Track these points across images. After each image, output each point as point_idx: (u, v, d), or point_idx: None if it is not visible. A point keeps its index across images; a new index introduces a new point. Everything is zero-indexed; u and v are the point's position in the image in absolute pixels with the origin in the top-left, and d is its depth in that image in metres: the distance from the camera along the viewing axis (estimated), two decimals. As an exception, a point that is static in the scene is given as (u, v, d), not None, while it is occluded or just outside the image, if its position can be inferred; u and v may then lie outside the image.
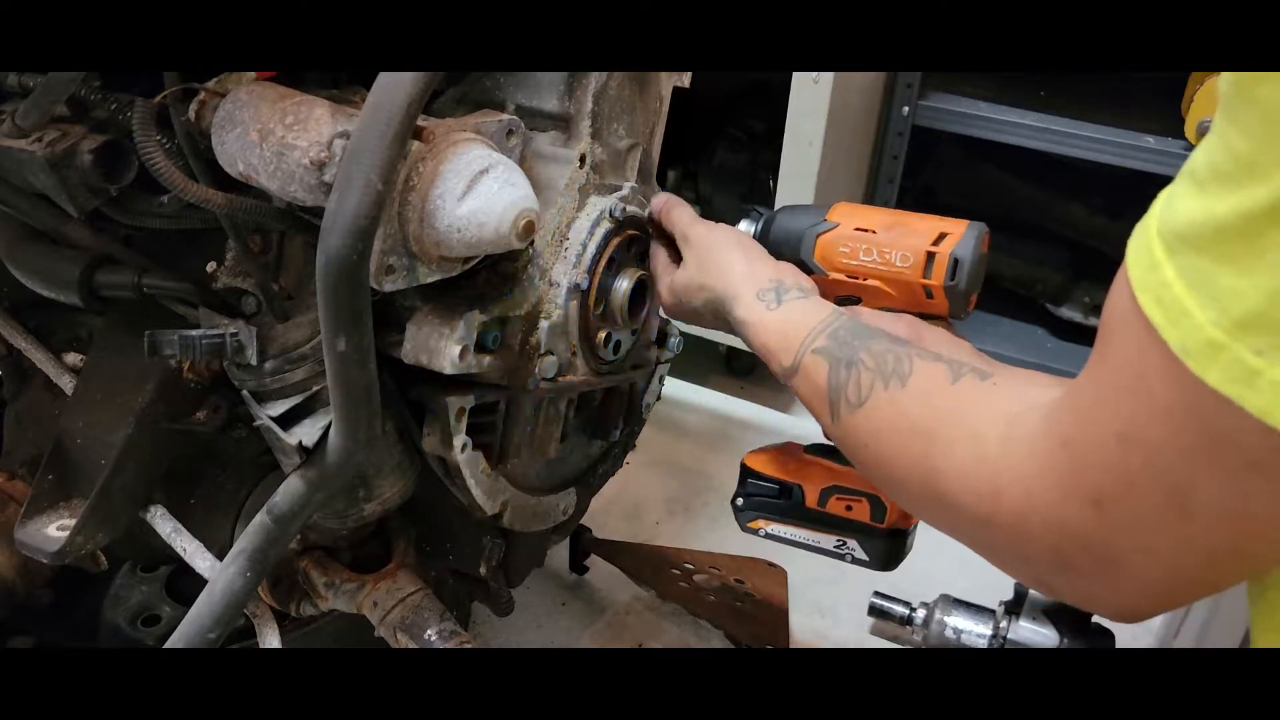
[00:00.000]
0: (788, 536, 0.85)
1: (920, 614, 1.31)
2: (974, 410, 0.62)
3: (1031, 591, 0.99)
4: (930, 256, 0.80)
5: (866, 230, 0.83)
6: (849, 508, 0.82)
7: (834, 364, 0.72)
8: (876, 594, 1.36)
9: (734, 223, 0.93)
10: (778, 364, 0.77)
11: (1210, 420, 0.44)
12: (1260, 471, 0.44)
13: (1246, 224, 0.40)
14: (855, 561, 0.83)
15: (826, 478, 0.84)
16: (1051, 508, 0.53)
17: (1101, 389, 0.50)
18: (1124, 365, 0.48)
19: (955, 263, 0.79)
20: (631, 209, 0.94)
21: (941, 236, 0.80)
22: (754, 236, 0.89)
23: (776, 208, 0.91)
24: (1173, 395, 0.45)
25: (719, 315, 0.85)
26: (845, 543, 0.82)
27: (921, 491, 0.63)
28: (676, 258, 0.91)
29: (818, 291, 0.81)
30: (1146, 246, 0.45)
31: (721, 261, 0.85)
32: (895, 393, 0.68)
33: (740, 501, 0.87)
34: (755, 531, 0.87)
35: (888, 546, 0.81)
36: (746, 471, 0.87)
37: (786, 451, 0.88)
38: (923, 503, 0.64)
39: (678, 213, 0.93)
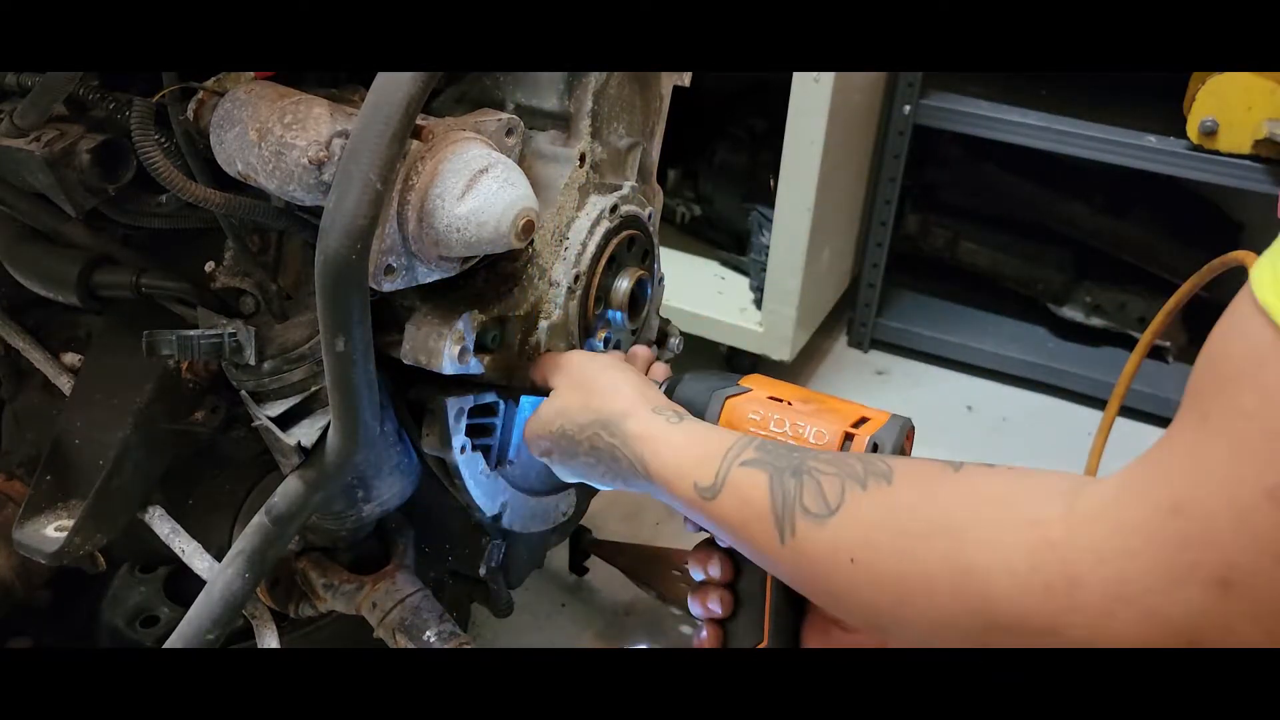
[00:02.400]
0: None
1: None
2: (1013, 491, 0.50)
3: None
4: (848, 437, 0.70)
5: (781, 400, 0.76)
6: None
7: (775, 473, 0.60)
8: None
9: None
10: (689, 485, 0.64)
11: None
12: None
13: None
14: None
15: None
16: (1154, 594, 0.42)
17: (1238, 440, 0.41)
18: (1268, 409, 0.39)
19: (874, 447, 0.69)
20: (631, 208, 0.94)
21: (862, 420, 0.72)
22: None
23: (683, 374, 0.81)
24: None
25: (596, 446, 0.73)
26: None
27: (953, 604, 0.50)
28: None
29: None
30: None
31: (610, 382, 0.76)
32: (881, 491, 0.55)
33: None
34: None
35: None
36: None
37: None
38: (951, 620, 0.50)
39: (549, 355, 0.84)
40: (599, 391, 0.75)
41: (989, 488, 0.52)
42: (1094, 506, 0.46)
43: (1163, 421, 1.89)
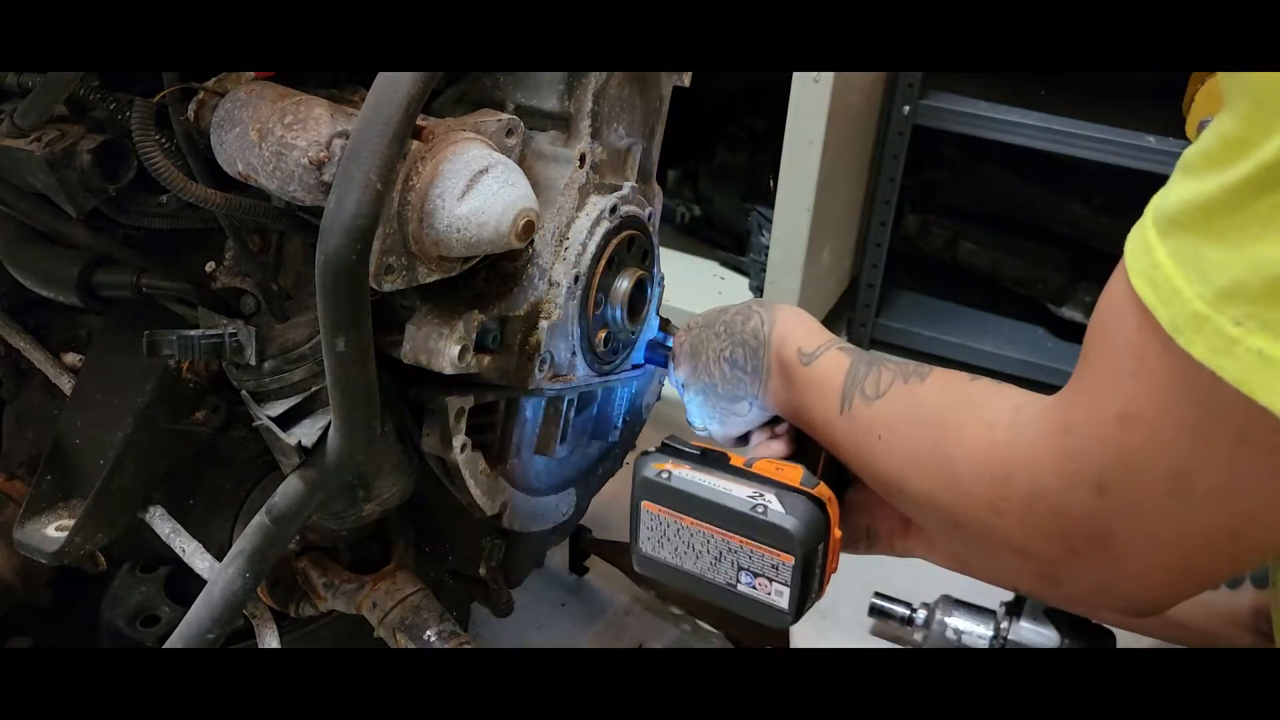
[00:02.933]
0: (696, 482, 0.74)
1: (921, 614, 1.31)
2: (986, 400, 0.64)
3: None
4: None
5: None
6: (778, 469, 0.76)
7: (856, 360, 0.76)
8: (877, 594, 1.36)
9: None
10: (796, 349, 0.80)
11: (1200, 395, 0.44)
12: (1251, 448, 0.44)
13: (1232, 197, 0.41)
14: (767, 526, 0.72)
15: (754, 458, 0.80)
16: (1057, 494, 0.53)
17: (1101, 374, 0.51)
18: (1122, 349, 0.49)
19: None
20: (631, 208, 0.94)
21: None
22: None
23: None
24: (1167, 373, 0.46)
25: (734, 316, 0.86)
26: (762, 495, 0.72)
27: (934, 480, 0.63)
28: None
29: None
30: (1141, 236, 0.47)
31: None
32: (914, 386, 0.70)
33: (651, 449, 0.79)
34: (657, 474, 0.75)
35: (808, 507, 0.72)
36: (669, 438, 0.81)
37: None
38: (932, 494, 0.64)
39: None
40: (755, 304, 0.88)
41: (972, 394, 0.65)
42: (1025, 420, 0.57)
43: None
